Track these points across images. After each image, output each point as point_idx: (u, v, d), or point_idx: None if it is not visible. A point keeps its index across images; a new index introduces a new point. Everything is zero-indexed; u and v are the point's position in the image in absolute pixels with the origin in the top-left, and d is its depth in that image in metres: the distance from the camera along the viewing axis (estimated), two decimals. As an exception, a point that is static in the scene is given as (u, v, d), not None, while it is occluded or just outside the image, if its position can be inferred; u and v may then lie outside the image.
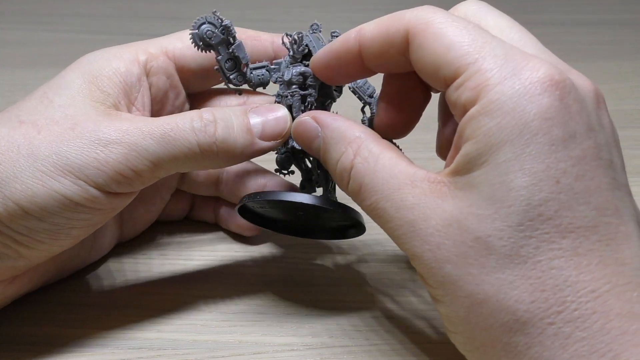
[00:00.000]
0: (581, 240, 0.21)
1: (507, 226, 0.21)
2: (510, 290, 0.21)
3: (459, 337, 0.24)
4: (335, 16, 0.88)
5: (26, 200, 0.25)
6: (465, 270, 0.22)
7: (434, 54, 0.23)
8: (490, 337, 0.22)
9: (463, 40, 0.23)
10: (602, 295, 0.21)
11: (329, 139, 0.27)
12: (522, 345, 0.21)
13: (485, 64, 0.22)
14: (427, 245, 0.23)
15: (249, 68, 0.31)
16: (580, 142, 0.22)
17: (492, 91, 0.22)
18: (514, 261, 0.21)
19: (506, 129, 0.21)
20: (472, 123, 0.22)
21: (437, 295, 0.24)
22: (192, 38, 0.30)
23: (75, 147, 0.26)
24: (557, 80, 0.22)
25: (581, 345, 0.20)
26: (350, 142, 0.26)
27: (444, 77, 0.23)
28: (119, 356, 0.29)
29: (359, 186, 0.25)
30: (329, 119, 0.27)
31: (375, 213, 0.25)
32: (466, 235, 0.22)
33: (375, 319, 0.31)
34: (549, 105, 0.21)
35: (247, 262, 0.36)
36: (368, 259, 0.36)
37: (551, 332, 0.21)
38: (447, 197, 0.23)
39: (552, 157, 0.21)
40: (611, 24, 0.86)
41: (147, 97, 0.31)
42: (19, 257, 0.27)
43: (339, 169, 0.26)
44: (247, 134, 0.28)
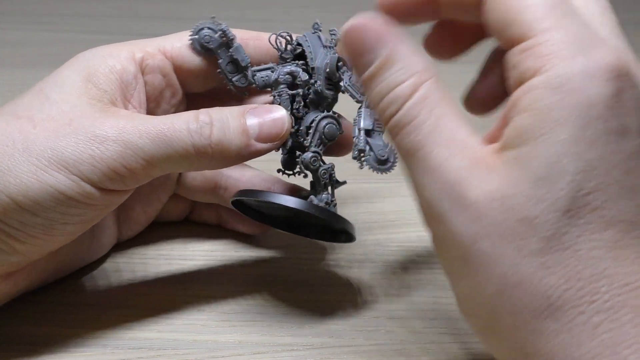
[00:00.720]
0: (622, 234, 0.21)
1: (554, 210, 0.21)
2: (546, 275, 0.21)
3: (478, 320, 0.23)
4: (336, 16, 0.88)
5: (20, 194, 0.25)
6: (503, 250, 0.21)
7: (508, 8, 0.22)
8: (517, 320, 0.21)
9: (542, 4, 0.22)
10: (635, 290, 0.21)
11: (393, 58, 0.23)
12: (550, 331, 0.21)
13: (558, 35, 0.21)
14: (463, 216, 0.22)
15: (251, 70, 0.31)
16: (632, 139, 0.21)
17: (560, 65, 0.21)
18: (555, 247, 0.21)
19: (568, 107, 0.21)
20: (532, 94, 0.21)
21: (457, 272, 0.23)
22: (192, 43, 0.31)
23: (71, 142, 0.26)
24: (622, 73, 0.21)
25: (609, 336, 0.20)
26: (417, 71, 0.23)
27: (511, 36, 0.22)
28: (119, 356, 0.29)
29: (409, 121, 0.23)
30: (396, 37, 0.24)
31: (412, 157, 0.23)
32: (511, 213, 0.21)
33: (375, 319, 0.31)
34: (612, 95, 0.21)
35: (247, 262, 0.36)
36: (368, 259, 0.36)
37: (581, 321, 0.21)
38: (494, 170, 0.22)
39: (608, 148, 0.21)
40: (611, 24, 0.85)
41: (143, 95, 0.31)
42: (14, 252, 0.27)
43: (393, 95, 0.23)
44: (242, 135, 0.28)
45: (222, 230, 0.38)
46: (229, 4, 0.94)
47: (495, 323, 0.22)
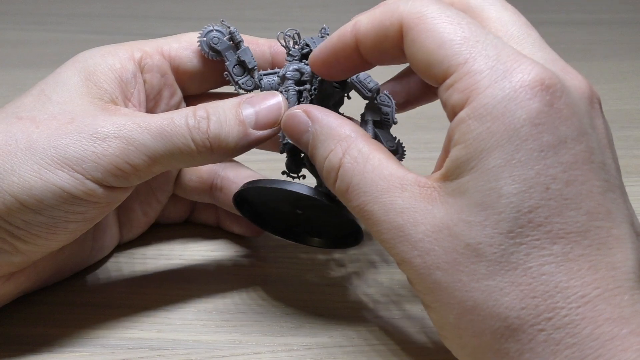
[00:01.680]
0: (572, 246, 0.21)
1: (497, 233, 0.21)
2: (500, 297, 0.21)
3: (450, 343, 0.24)
4: (335, 16, 0.88)
5: (24, 193, 0.25)
6: (455, 277, 0.22)
7: (426, 51, 0.23)
8: (481, 343, 0.22)
9: (455, 38, 0.22)
10: (591, 301, 0.21)
11: (319, 135, 0.26)
12: (513, 352, 0.21)
13: (476, 65, 0.22)
14: (416, 251, 0.23)
15: (259, 74, 0.31)
16: (571, 147, 0.21)
17: (482, 94, 0.22)
18: (504, 268, 0.21)
19: (496, 134, 0.21)
20: (461, 127, 0.22)
21: (427, 301, 0.23)
22: (200, 45, 0.31)
23: (74, 140, 0.26)
24: (548, 85, 0.21)
25: (571, 352, 0.20)
26: (340, 139, 0.25)
27: (435, 75, 0.23)
28: (119, 356, 0.29)
29: (346, 186, 0.25)
30: (320, 114, 0.26)
31: (362, 215, 0.24)
32: (456, 241, 0.22)
33: (375, 319, 0.31)
34: (538, 111, 0.21)
35: (247, 262, 0.36)
36: (368, 259, 0.36)
37: (542, 339, 0.21)
38: (437, 202, 0.23)
39: (542, 164, 0.21)
40: (611, 24, 0.86)
41: (143, 94, 0.31)
42: (16, 252, 0.27)
43: (327, 167, 0.26)
44: (239, 125, 0.28)
45: (222, 231, 0.38)
46: (229, 4, 0.94)
47: (464, 346, 0.23)
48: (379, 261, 0.36)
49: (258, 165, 0.38)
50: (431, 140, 0.49)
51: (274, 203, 0.31)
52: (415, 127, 0.52)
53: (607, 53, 0.72)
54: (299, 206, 0.30)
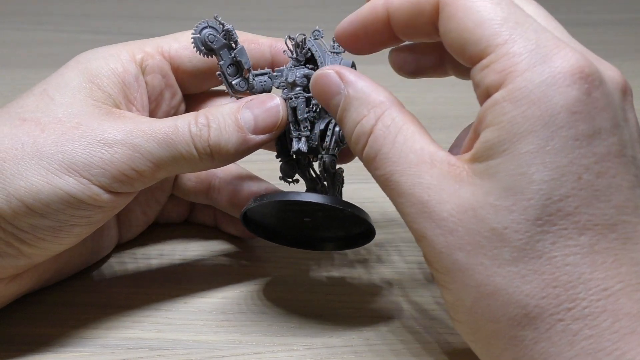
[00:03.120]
0: (598, 238, 0.21)
1: (524, 219, 0.21)
2: (522, 284, 0.21)
3: (463, 326, 0.23)
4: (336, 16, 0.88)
5: (30, 197, 0.25)
6: (477, 260, 0.22)
7: (462, 29, 0.23)
8: (496, 329, 0.22)
9: (495, 17, 0.22)
10: (613, 294, 0.21)
11: (352, 99, 0.25)
12: (529, 340, 0.21)
13: (515, 47, 0.22)
14: (439, 229, 0.22)
15: (252, 74, 0.30)
16: (605, 139, 0.21)
17: (520, 77, 0.21)
18: (528, 255, 0.21)
19: (531, 118, 0.21)
20: (495, 109, 0.22)
21: (443, 282, 0.23)
22: (194, 42, 0.29)
23: (81, 146, 0.26)
24: (587, 73, 0.21)
25: (588, 343, 0.20)
26: (374, 105, 0.25)
27: (470, 55, 0.23)
28: (119, 356, 0.29)
29: (375, 154, 0.24)
30: (354, 76, 0.25)
31: (387, 185, 0.24)
32: (482, 224, 0.22)
33: (376, 319, 0.31)
34: (576, 99, 0.21)
35: (247, 262, 0.36)
36: (369, 259, 0.36)
37: (560, 329, 0.21)
38: (465, 182, 0.22)
39: (576, 153, 0.21)
40: (611, 24, 0.86)
41: (146, 97, 0.31)
42: (21, 256, 0.27)
43: (357, 132, 0.25)
44: (238, 132, 0.28)
45: (221, 231, 0.38)
46: (229, 4, 0.94)
47: (477, 331, 0.23)
48: (379, 261, 0.36)
49: (258, 165, 0.38)
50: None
51: (281, 214, 0.31)
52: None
53: (607, 53, 0.72)
54: (306, 214, 0.30)
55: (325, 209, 0.28)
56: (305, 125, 0.29)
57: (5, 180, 0.25)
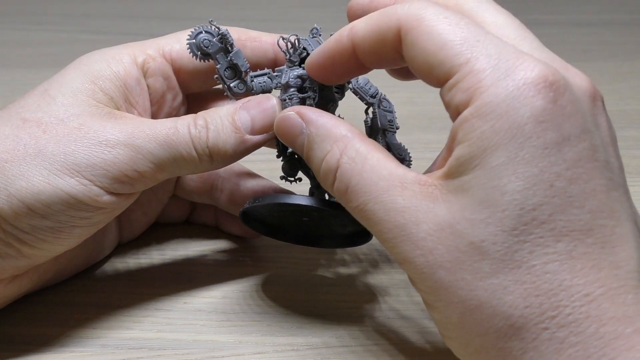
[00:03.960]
0: (576, 244, 0.21)
1: (501, 231, 0.21)
2: (504, 296, 0.21)
3: (453, 342, 0.24)
4: (335, 16, 0.88)
5: (32, 198, 0.25)
6: (459, 276, 0.22)
7: (426, 53, 0.23)
8: (484, 342, 0.22)
9: (454, 39, 0.22)
10: (596, 299, 0.21)
11: (314, 136, 0.26)
12: (516, 351, 0.21)
13: (478, 64, 0.22)
14: (419, 250, 0.22)
15: (250, 76, 0.30)
16: (574, 145, 0.21)
17: (485, 93, 0.21)
18: (508, 266, 0.21)
19: (499, 132, 0.21)
20: (464, 126, 0.22)
21: (429, 301, 0.23)
22: (190, 48, 0.29)
23: (83, 147, 0.26)
24: (551, 81, 0.21)
25: (575, 350, 0.20)
26: (336, 140, 0.25)
27: (437, 77, 0.23)
28: (119, 356, 0.29)
29: (345, 187, 0.24)
30: (315, 115, 0.26)
31: (363, 215, 0.24)
32: (459, 240, 0.22)
33: (376, 318, 0.31)
34: (542, 108, 0.21)
35: (247, 262, 0.36)
36: (369, 259, 0.36)
37: (545, 337, 0.21)
38: (439, 200, 0.22)
39: (546, 161, 0.21)
40: (611, 24, 0.86)
41: (147, 100, 0.31)
42: (21, 257, 0.27)
43: (324, 168, 0.25)
44: (236, 133, 0.28)
45: (221, 231, 0.38)
46: (229, 4, 0.94)
47: (467, 346, 0.23)
48: (379, 261, 0.36)
49: (258, 165, 0.38)
50: (431, 141, 0.49)
51: (279, 214, 0.31)
52: (415, 128, 0.52)
53: (607, 54, 0.72)
54: (304, 215, 0.30)
55: (321, 210, 0.28)
56: None
57: (6, 180, 0.25)
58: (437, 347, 0.29)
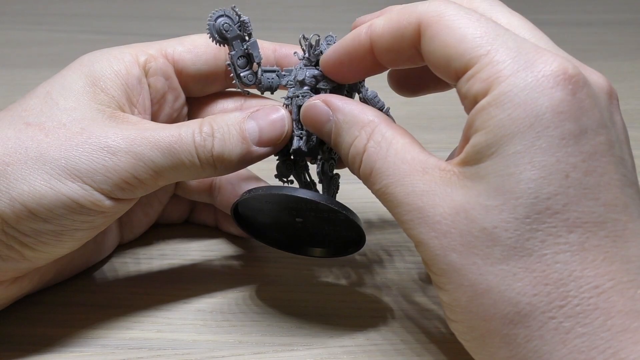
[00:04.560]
0: (588, 236, 0.21)
1: (514, 218, 0.21)
2: (513, 282, 0.21)
3: (458, 326, 0.24)
4: (336, 16, 0.88)
5: (33, 202, 0.25)
6: (470, 260, 0.22)
7: (445, 46, 0.23)
8: (490, 327, 0.22)
9: (475, 32, 0.23)
10: (605, 292, 0.21)
11: (342, 123, 0.26)
12: (521, 338, 0.21)
13: (498, 55, 0.22)
14: (434, 233, 0.23)
15: (261, 69, 0.30)
16: (591, 138, 0.22)
17: (504, 83, 0.22)
18: (518, 253, 0.21)
19: (517, 120, 0.21)
20: (482, 114, 0.22)
21: (439, 283, 0.24)
22: (209, 29, 0.29)
23: (85, 152, 0.26)
24: (571, 75, 0.22)
25: (581, 341, 0.20)
26: (363, 125, 0.26)
27: (455, 70, 0.23)
28: (119, 356, 0.29)
29: (370, 170, 0.25)
30: (341, 102, 0.27)
31: (384, 197, 0.25)
32: (473, 225, 0.22)
33: (376, 318, 0.31)
34: (561, 99, 0.21)
35: (247, 262, 0.36)
36: (368, 259, 0.36)
37: (552, 327, 0.21)
38: (456, 186, 0.23)
39: (563, 151, 0.21)
40: (611, 24, 0.86)
41: (148, 100, 0.31)
42: (23, 259, 0.27)
43: (352, 153, 0.26)
44: (242, 143, 0.28)
45: (221, 231, 0.38)
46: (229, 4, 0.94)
47: (472, 330, 0.23)
48: (379, 261, 0.36)
49: (259, 165, 0.38)
50: (432, 141, 0.49)
51: (273, 212, 0.31)
52: (416, 128, 0.52)
53: (607, 53, 0.72)
54: (299, 214, 0.30)
55: (318, 210, 0.28)
56: None
57: (8, 184, 0.25)
58: (437, 348, 0.29)
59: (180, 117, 0.33)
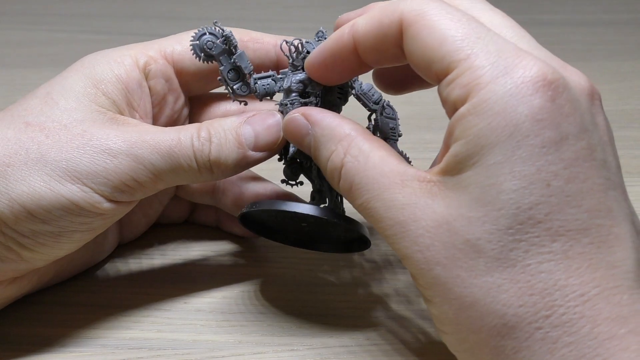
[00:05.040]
0: (572, 244, 0.21)
1: (496, 229, 0.21)
2: (498, 294, 0.21)
3: (449, 338, 0.24)
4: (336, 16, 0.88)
5: (33, 203, 0.25)
6: (454, 273, 0.22)
7: (426, 47, 0.23)
8: (478, 339, 0.22)
9: (456, 34, 0.22)
10: (590, 299, 0.20)
11: (319, 137, 0.26)
12: (509, 349, 0.21)
13: (478, 60, 0.22)
14: (417, 247, 0.23)
15: (253, 78, 0.30)
16: (572, 144, 0.21)
17: (483, 90, 0.21)
18: (503, 264, 0.21)
19: (497, 130, 0.21)
20: (462, 122, 0.22)
21: (427, 296, 0.23)
22: (193, 49, 0.29)
23: (85, 154, 0.26)
24: (550, 80, 0.21)
25: (568, 350, 0.20)
26: (340, 139, 0.25)
27: (436, 72, 0.23)
28: (119, 356, 0.29)
29: (349, 185, 0.25)
30: (319, 115, 0.26)
31: (366, 212, 0.24)
32: (455, 237, 0.22)
33: (376, 318, 0.31)
34: (540, 107, 0.21)
35: (247, 262, 0.36)
36: (369, 260, 0.36)
37: (539, 337, 0.21)
38: (437, 197, 0.23)
39: (543, 160, 0.21)
40: (611, 24, 0.86)
41: (148, 103, 0.31)
42: (21, 260, 0.27)
43: (330, 168, 0.26)
44: (238, 148, 0.28)
45: (222, 231, 0.38)
46: (229, 4, 0.94)
47: (462, 342, 0.23)
48: (380, 261, 0.36)
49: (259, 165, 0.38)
50: (431, 141, 0.49)
51: (279, 218, 0.31)
52: (415, 128, 0.52)
53: (607, 53, 0.72)
54: (302, 220, 0.30)
55: (315, 218, 0.28)
56: None
57: (8, 185, 0.25)
58: (436, 348, 0.29)
59: (181, 118, 0.33)
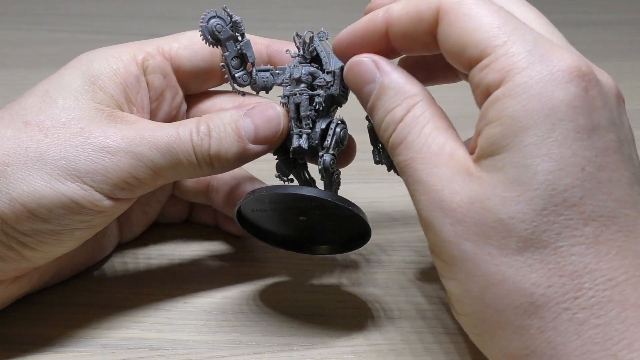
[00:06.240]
0: (602, 229, 0.21)
1: (531, 209, 0.21)
2: (528, 273, 0.21)
3: (468, 319, 0.24)
4: (336, 16, 0.88)
5: (33, 202, 0.25)
6: (485, 250, 0.22)
7: (462, 33, 0.23)
8: (502, 318, 0.22)
9: (493, 22, 0.23)
10: (619, 285, 0.21)
11: (386, 88, 0.26)
12: (535, 329, 0.21)
13: (514, 47, 0.22)
14: (449, 219, 0.23)
15: (255, 69, 0.30)
16: (603, 135, 0.22)
17: (519, 74, 0.22)
18: (534, 245, 0.21)
19: (532, 112, 0.22)
20: (496, 105, 0.22)
21: (449, 273, 0.24)
22: (202, 31, 0.29)
23: (84, 153, 0.26)
24: (584, 72, 0.22)
25: (595, 332, 0.21)
26: (407, 96, 0.26)
27: (469, 57, 0.23)
28: (119, 356, 0.29)
29: (400, 140, 0.25)
30: (390, 67, 0.26)
31: (406, 170, 0.25)
32: (488, 215, 0.22)
33: (376, 319, 0.31)
34: (575, 95, 0.22)
35: (247, 262, 0.36)
36: (369, 260, 0.36)
37: (566, 318, 0.21)
38: (474, 177, 0.23)
39: (578, 145, 0.21)
40: (611, 24, 0.86)
41: (146, 98, 0.31)
42: (22, 259, 0.27)
43: (388, 119, 0.26)
44: (238, 142, 0.28)
45: (221, 231, 0.38)
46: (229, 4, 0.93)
47: (483, 321, 0.23)
48: (379, 261, 0.36)
49: (258, 165, 0.38)
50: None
51: (276, 212, 0.30)
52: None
53: (607, 53, 0.72)
54: (302, 213, 0.30)
55: (323, 207, 0.28)
56: (307, 123, 0.29)
57: (8, 184, 0.25)
58: (437, 348, 0.29)
59: (179, 114, 0.33)
